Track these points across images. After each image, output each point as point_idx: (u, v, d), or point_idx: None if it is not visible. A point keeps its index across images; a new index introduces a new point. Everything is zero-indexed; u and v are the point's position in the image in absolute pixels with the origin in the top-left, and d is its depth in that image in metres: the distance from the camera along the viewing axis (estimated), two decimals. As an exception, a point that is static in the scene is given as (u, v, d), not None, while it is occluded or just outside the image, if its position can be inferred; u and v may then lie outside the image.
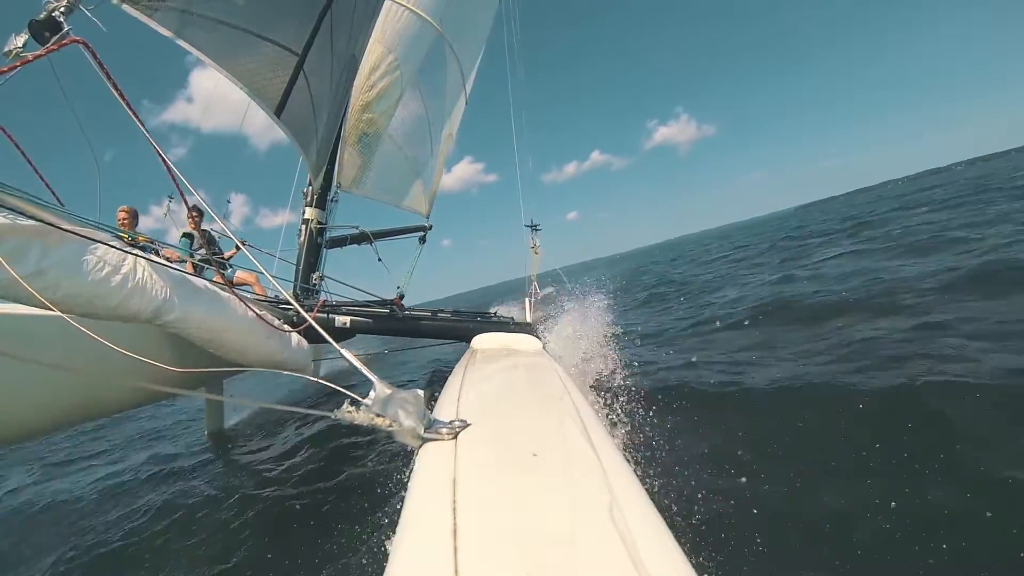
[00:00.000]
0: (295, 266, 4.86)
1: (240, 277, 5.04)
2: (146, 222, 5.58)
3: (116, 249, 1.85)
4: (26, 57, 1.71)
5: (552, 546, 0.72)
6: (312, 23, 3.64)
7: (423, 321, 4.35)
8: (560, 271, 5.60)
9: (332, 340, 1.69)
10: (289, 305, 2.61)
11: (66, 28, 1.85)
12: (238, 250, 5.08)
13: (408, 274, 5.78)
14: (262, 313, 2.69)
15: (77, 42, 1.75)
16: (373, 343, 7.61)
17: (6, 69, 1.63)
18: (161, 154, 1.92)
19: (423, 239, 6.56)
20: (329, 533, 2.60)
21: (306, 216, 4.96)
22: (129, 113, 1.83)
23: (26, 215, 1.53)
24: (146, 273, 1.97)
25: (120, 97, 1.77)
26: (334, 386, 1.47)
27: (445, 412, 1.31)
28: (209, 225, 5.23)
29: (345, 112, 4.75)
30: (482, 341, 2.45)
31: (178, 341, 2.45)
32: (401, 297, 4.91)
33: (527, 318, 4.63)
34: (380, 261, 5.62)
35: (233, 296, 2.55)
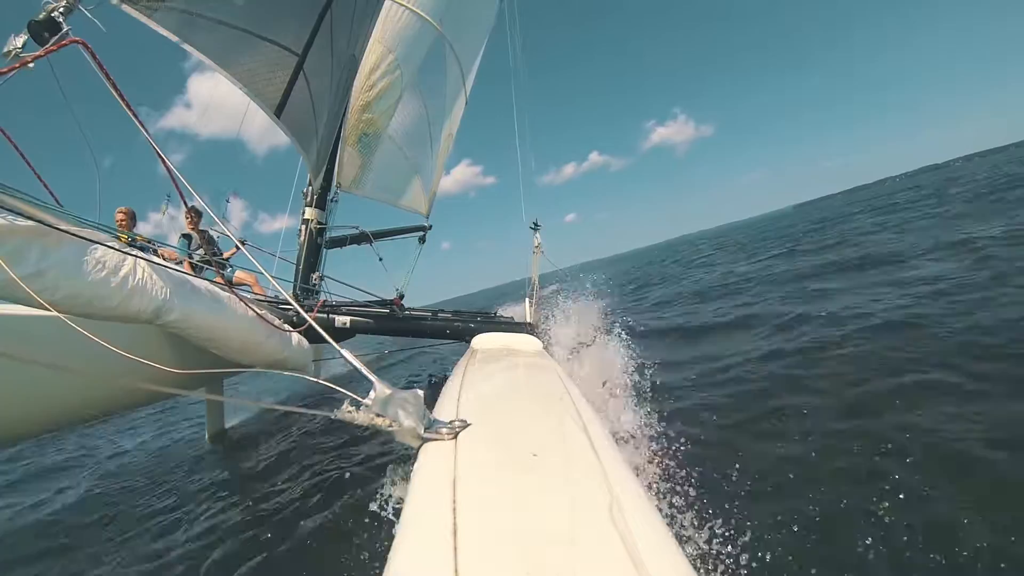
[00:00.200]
0: (295, 266, 4.86)
1: (239, 277, 5.03)
2: (144, 229, 5.59)
3: (115, 250, 1.85)
4: (25, 58, 1.71)
5: (552, 546, 0.71)
6: (312, 23, 3.64)
7: (423, 321, 4.35)
8: (560, 271, 5.61)
9: (332, 340, 1.69)
10: (289, 305, 2.61)
11: (65, 28, 1.85)
12: (237, 250, 5.08)
13: (408, 274, 5.78)
14: (262, 313, 2.69)
15: (76, 42, 1.75)
16: (373, 343, 7.60)
17: (5, 70, 1.63)
18: (160, 154, 1.92)
19: (423, 239, 6.55)
20: (329, 533, 2.60)
21: (306, 216, 4.96)
22: (128, 113, 1.83)
23: (25, 216, 1.52)
24: (146, 274, 1.97)
25: (119, 97, 1.77)
26: (334, 386, 1.47)
27: (445, 412, 1.30)
28: (208, 226, 5.23)
29: (345, 112, 4.74)
30: (482, 341, 2.45)
31: (178, 341, 2.45)
32: (401, 297, 4.90)
33: (527, 318, 4.63)
34: (380, 261, 5.62)
35: (233, 296, 2.55)
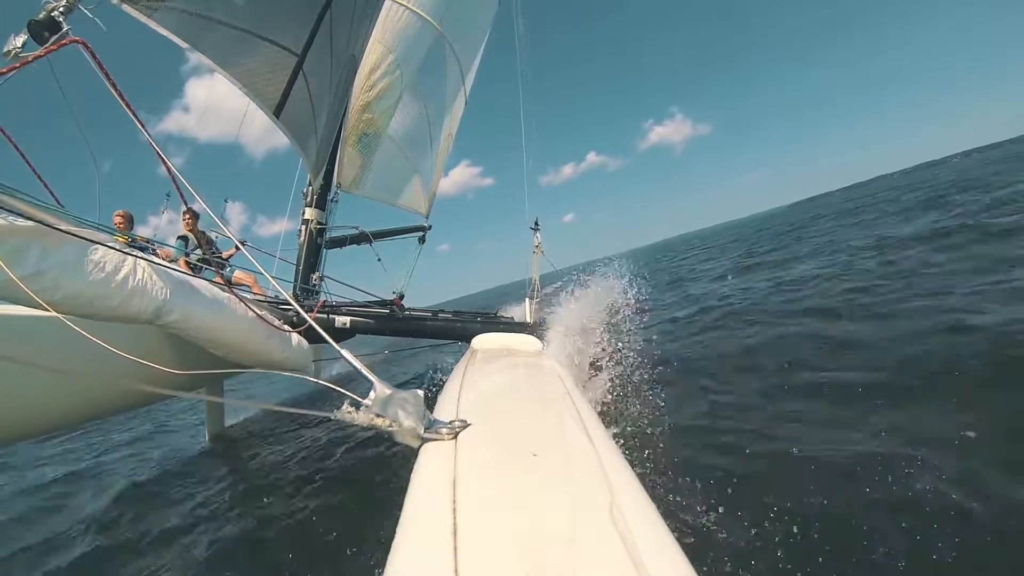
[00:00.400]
0: (295, 266, 4.86)
1: (238, 278, 5.02)
2: (142, 232, 5.59)
3: (116, 250, 1.85)
4: (26, 58, 1.71)
5: (552, 546, 0.71)
6: (311, 23, 3.63)
7: (423, 321, 4.34)
8: (559, 271, 5.60)
9: (332, 340, 1.69)
10: (289, 305, 2.60)
11: (65, 28, 1.85)
12: (237, 250, 5.08)
13: (408, 274, 5.78)
14: (262, 313, 2.69)
15: (76, 42, 1.75)
16: (373, 344, 7.60)
17: (5, 70, 1.62)
18: (160, 154, 1.92)
19: (422, 239, 6.55)
20: (329, 533, 2.60)
21: (306, 216, 4.96)
22: (128, 113, 1.83)
23: (25, 216, 1.52)
24: (146, 274, 1.96)
25: (119, 97, 1.77)
26: (334, 387, 1.47)
27: (445, 412, 1.30)
28: (208, 228, 5.21)
29: (345, 112, 4.74)
30: (482, 341, 2.44)
31: (178, 342, 2.44)
32: (401, 297, 4.90)
33: (528, 318, 4.63)
34: (379, 261, 5.63)
35: (233, 296, 2.55)
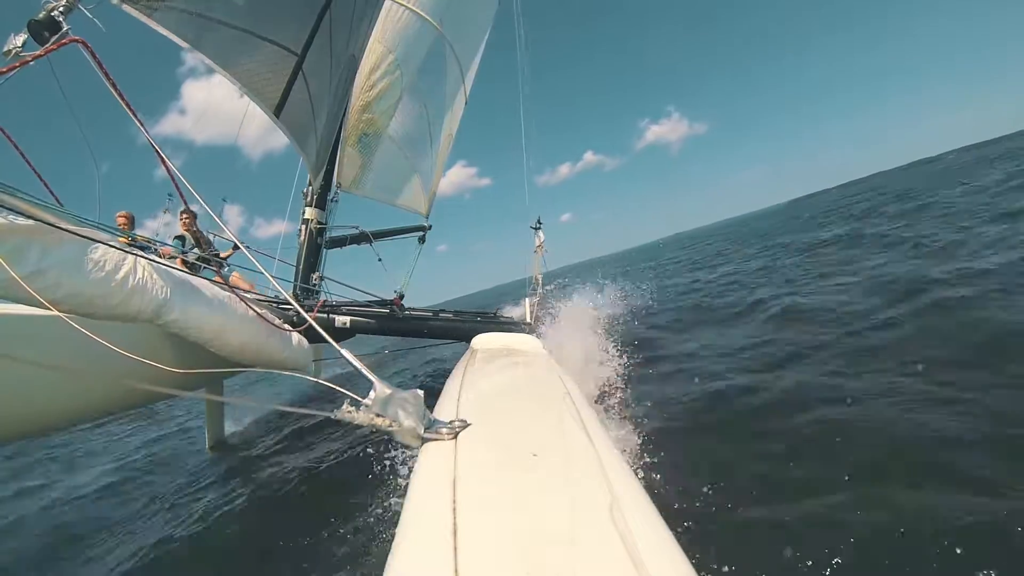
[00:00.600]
0: (295, 266, 4.86)
1: (234, 282, 5.01)
2: (143, 234, 5.60)
3: (116, 249, 1.85)
4: (25, 58, 1.71)
5: (552, 546, 0.71)
6: (311, 23, 3.63)
7: (423, 321, 4.34)
8: (551, 272, 5.61)
9: (332, 340, 1.69)
10: (289, 305, 2.60)
11: (65, 28, 1.84)
12: (236, 250, 5.07)
13: (408, 274, 5.78)
14: (262, 313, 2.69)
15: (76, 42, 1.75)
16: (373, 343, 7.60)
17: (5, 70, 1.62)
18: (160, 154, 1.92)
19: (422, 239, 6.55)
20: (329, 533, 2.60)
21: (306, 216, 4.95)
22: (128, 113, 1.83)
23: (25, 215, 1.52)
24: (146, 273, 1.96)
25: (119, 97, 1.77)
26: (334, 386, 1.47)
27: (445, 412, 1.30)
28: (206, 229, 5.20)
29: (345, 112, 4.74)
30: (482, 341, 2.44)
31: (178, 341, 2.44)
32: (401, 297, 4.90)
33: (528, 318, 4.63)
34: (380, 261, 5.63)
35: (233, 296, 2.55)
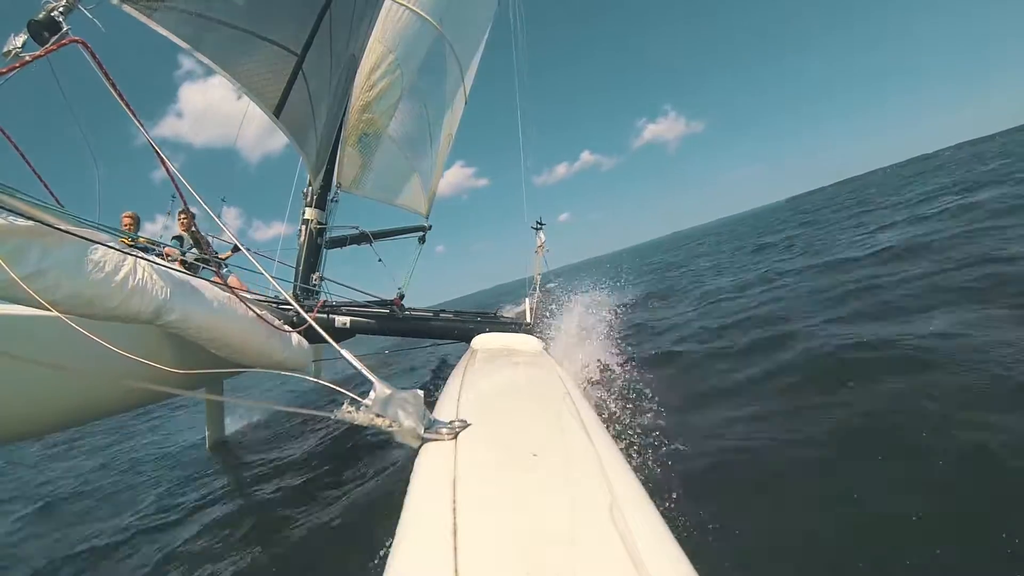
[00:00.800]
0: (295, 267, 4.86)
1: (232, 283, 5.00)
2: (146, 236, 5.61)
3: (116, 250, 1.85)
4: (25, 58, 1.71)
5: (552, 546, 0.71)
6: (311, 23, 3.63)
7: (423, 321, 4.34)
8: (549, 272, 5.60)
9: (332, 340, 1.69)
10: (289, 305, 2.60)
11: (65, 28, 1.84)
12: (235, 251, 5.07)
13: (408, 274, 5.78)
14: (262, 313, 2.69)
15: (76, 42, 1.75)
16: (373, 344, 7.61)
17: (5, 70, 1.62)
18: (160, 154, 1.92)
19: (423, 239, 6.56)
20: (329, 533, 2.60)
21: (306, 216, 4.95)
22: (128, 113, 1.83)
23: (25, 216, 1.52)
24: (146, 274, 1.96)
25: (119, 97, 1.77)
26: (334, 387, 1.47)
27: (445, 412, 1.30)
28: (206, 231, 5.20)
29: (345, 112, 4.74)
30: (482, 341, 2.44)
31: (178, 341, 2.44)
32: (401, 297, 4.90)
33: (528, 318, 4.62)
34: (380, 261, 5.63)
35: (233, 296, 2.55)
